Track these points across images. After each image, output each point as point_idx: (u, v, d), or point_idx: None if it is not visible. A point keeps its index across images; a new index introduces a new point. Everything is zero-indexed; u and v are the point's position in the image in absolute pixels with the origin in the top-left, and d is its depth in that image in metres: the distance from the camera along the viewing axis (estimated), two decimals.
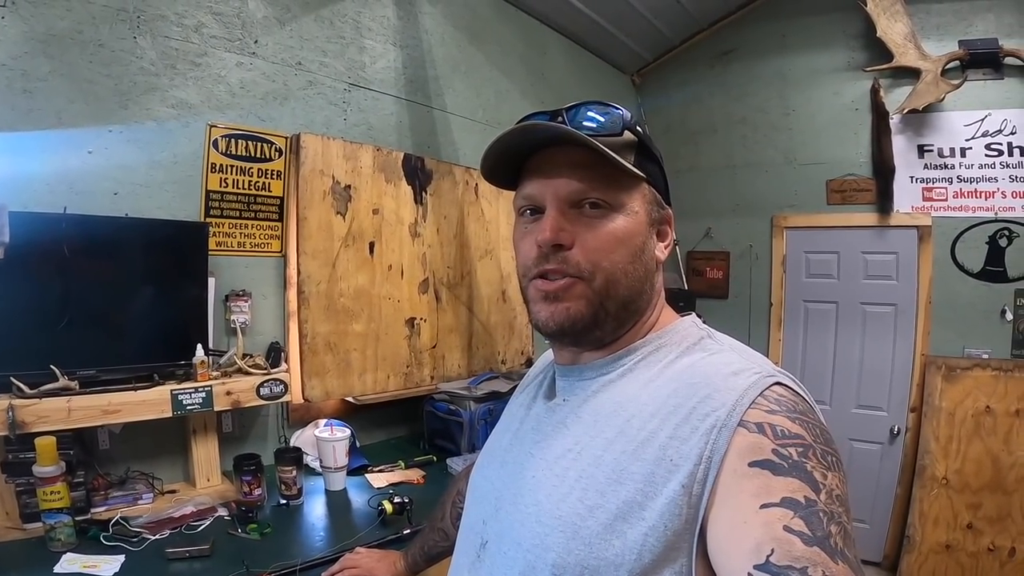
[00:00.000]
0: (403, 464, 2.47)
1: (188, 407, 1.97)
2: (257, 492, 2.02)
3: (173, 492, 2.09)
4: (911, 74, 3.70)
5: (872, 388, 4.03)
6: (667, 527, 0.67)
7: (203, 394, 2.00)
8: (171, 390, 1.94)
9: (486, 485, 0.95)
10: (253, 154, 2.35)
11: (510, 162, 0.88)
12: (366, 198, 2.63)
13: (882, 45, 3.73)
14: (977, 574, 3.38)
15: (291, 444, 2.43)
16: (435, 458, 2.57)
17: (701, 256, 4.68)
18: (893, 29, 3.69)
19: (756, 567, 0.57)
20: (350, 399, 2.68)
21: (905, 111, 3.67)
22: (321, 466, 2.24)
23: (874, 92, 3.79)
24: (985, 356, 3.65)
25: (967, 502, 3.46)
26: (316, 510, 2.08)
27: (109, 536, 1.70)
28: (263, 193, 2.39)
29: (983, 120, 3.65)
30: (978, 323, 3.71)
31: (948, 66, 3.61)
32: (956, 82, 3.52)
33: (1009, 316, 3.62)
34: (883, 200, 3.91)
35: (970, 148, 3.69)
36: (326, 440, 2.19)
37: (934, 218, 3.80)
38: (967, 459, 3.51)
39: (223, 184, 2.28)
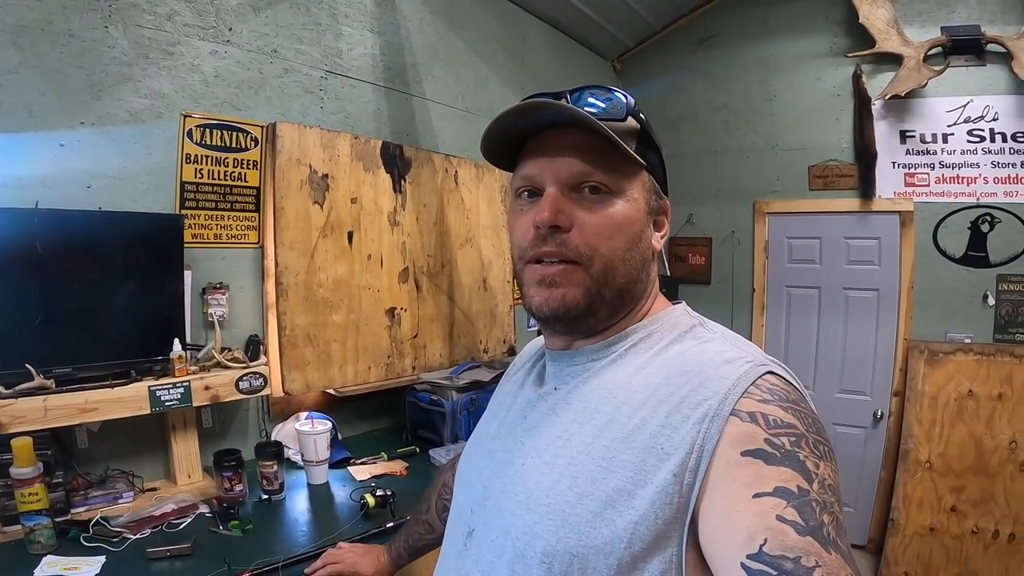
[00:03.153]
0: (386, 456, 2.45)
1: (166, 403, 1.94)
2: (238, 488, 2.00)
3: (154, 490, 2.06)
4: (893, 60, 3.70)
5: (855, 373, 4.06)
6: (657, 516, 0.67)
7: (181, 390, 1.97)
8: (148, 386, 1.90)
9: (474, 473, 0.94)
10: (228, 144, 2.31)
11: (510, 143, 0.86)
12: (344, 187, 2.59)
13: (864, 31, 3.73)
14: (961, 556, 3.42)
15: (272, 438, 2.40)
16: (418, 449, 2.55)
17: (683, 242, 4.68)
18: (875, 15, 3.69)
19: (749, 556, 0.57)
20: (331, 391, 2.65)
21: (887, 97, 3.68)
22: (303, 460, 2.22)
23: (856, 78, 3.78)
24: (967, 340, 3.68)
25: (951, 485, 3.50)
26: (298, 505, 2.06)
27: (89, 537, 1.68)
28: (239, 183, 2.35)
29: (965, 106, 3.66)
30: (960, 308, 3.74)
31: (930, 52, 3.61)
32: (938, 68, 3.52)
33: (991, 301, 3.65)
34: (865, 185, 3.92)
35: (952, 134, 3.71)
36: (307, 433, 2.16)
37: (916, 203, 3.81)
38: (950, 443, 3.54)
39: (198, 175, 2.24)
